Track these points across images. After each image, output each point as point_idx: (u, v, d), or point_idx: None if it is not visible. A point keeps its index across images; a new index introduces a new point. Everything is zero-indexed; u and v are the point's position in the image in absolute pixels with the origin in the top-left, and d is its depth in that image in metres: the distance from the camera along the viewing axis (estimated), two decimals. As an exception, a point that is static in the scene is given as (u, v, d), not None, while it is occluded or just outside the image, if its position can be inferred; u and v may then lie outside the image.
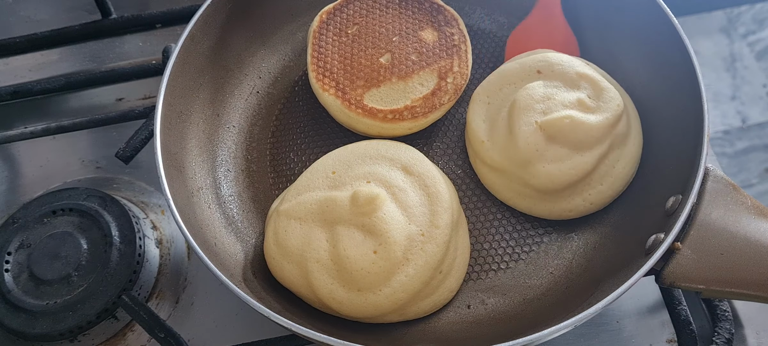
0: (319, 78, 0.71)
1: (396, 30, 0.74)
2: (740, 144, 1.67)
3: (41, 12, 0.94)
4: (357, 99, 0.70)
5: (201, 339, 0.66)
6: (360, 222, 0.59)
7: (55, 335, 0.64)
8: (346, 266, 0.58)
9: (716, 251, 0.54)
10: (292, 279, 0.60)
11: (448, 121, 0.75)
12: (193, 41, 0.69)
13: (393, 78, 0.71)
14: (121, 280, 0.66)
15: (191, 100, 0.70)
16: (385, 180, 0.62)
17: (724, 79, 1.77)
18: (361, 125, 0.70)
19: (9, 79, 0.86)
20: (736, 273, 0.53)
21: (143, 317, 0.64)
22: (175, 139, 0.65)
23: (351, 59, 0.72)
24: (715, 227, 0.54)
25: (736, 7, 1.87)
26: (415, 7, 0.75)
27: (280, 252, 0.61)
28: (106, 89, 0.85)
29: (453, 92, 0.71)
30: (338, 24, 0.74)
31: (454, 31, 0.74)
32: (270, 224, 0.63)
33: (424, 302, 0.61)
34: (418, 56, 0.72)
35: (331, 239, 0.60)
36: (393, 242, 0.58)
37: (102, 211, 0.69)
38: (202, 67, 0.71)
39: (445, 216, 0.61)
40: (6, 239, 0.68)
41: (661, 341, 0.65)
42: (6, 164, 0.82)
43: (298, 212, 0.61)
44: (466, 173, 0.71)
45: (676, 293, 0.62)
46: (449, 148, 0.73)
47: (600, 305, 0.52)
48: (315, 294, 0.59)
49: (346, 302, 0.59)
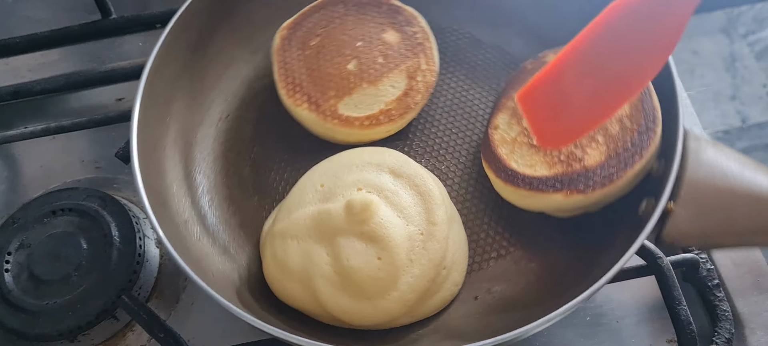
0: (290, 95, 0.70)
1: (358, 36, 0.73)
2: (740, 144, 1.67)
3: (41, 12, 0.94)
4: (331, 110, 0.69)
5: (201, 339, 0.66)
6: (358, 230, 0.59)
7: (54, 335, 0.64)
8: (351, 277, 0.58)
9: (707, 206, 0.56)
10: (298, 298, 0.60)
11: (422, 119, 0.75)
12: (157, 74, 0.66)
13: (363, 84, 0.71)
14: (121, 280, 0.66)
15: (163, 133, 0.68)
16: (376, 185, 0.62)
17: (724, 79, 1.77)
18: (339, 135, 0.70)
19: (9, 79, 0.86)
20: (728, 224, 0.56)
21: (143, 318, 0.64)
22: (154, 174, 0.64)
23: (319, 71, 0.71)
24: (702, 184, 0.56)
25: (736, 7, 1.87)
26: (373, 11, 0.75)
27: (281, 273, 0.60)
28: (106, 89, 0.85)
29: (425, 90, 0.71)
30: (300, 38, 0.73)
31: (415, 29, 0.74)
32: (266, 247, 0.63)
33: (433, 300, 0.61)
34: (384, 59, 0.72)
35: (332, 252, 0.59)
36: (395, 246, 0.58)
37: (102, 211, 0.69)
38: (168, 99, 0.69)
39: (439, 212, 0.61)
40: (6, 239, 0.68)
41: (661, 341, 0.65)
42: (6, 164, 0.82)
43: (293, 230, 0.61)
44: (449, 167, 0.72)
45: (676, 292, 0.62)
46: (428, 146, 0.73)
47: (619, 265, 0.53)
48: (324, 309, 0.59)
49: (356, 313, 0.58)
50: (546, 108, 0.55)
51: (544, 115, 0.56)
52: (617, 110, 0.59)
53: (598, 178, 0.60)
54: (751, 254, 0.68)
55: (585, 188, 0.60)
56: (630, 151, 0.60)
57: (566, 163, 0.61)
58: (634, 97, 0.61)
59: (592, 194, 0.59)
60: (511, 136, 0.66)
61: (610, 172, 0.59)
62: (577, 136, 0.60)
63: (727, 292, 0.66)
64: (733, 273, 0.67)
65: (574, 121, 0.56)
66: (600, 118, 0.57)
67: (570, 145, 0.62)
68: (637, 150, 0.59)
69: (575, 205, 0.61)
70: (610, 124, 0.62)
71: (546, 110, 0.56)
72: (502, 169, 0.65)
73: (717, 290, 0.65)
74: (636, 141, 0.60)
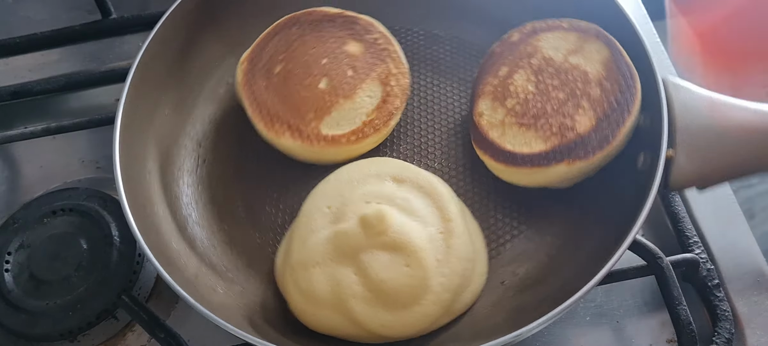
0: (269, 127, 0.68)
1: (322, 53, 0.72)
2: (740, 144, 1.66)
3: (41, 12, 0.94)
4: (315, 133, 0.68)
5: (201, 339, 0.66)
6: (379, 243, 0.58)
7: (55, 335, 0.64)
8: (384, 290, 0.57)
9: (703, 145, 0.59)
10: (333, 325, 0.59)
11: (402, 123, 0.75)
12: (128, 131, 0.65)
13: (340, 99, 0.70)
14: (121, 280, 0.66)
15: (147, 189, 0.66)
16: (383, 195, 0.62)
17: (724, 79, 1.77)
18: (327, 156, 0.69)
19: (9, 79, 0.86)
20: (725, 157, 0.59)
21: (143, 318, 0.64)
22: (152, 235, 0.62)
23: (292, 96, 0.70)
24: (693, 126, 0.60)
25: (736, 6, 1.87)
26: (329, 26, 0.74)
27: (311, 304, 0.59)
28: (106, 89, 0.85)
29: (402, 93, 0.71)
30: (262, 68, 0.71)
31: (375, 36, 0.74)
32: (287, 282, 0.61)
33: (465, 295, 0.61)
34: (353, 71, 0.71)
35: (358, 271, 0.58)
36: (420, 250, 0.58)
37: (102, 211, 0.69)
38: (144, 155, 0.68)
39: (451, 207, 0.62)
40: (6, 239, 0.68)
41: (661, 341, 0.65)
42: (6, 164, 0.82)
43: (312, 257, 0.59)
44: (442, 163, 0.72)
45: (676, 292, 0.62)
46: (415, 147, 0.73)
47: (642, 217, 0.55)
48: (364, 329, 0.58)
49: (397, 324, 0.58)
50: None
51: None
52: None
53: (595, 142, 0.62)
54: (751, 254, 0.69)
55: (585, 154, 0.62)
56: (617, 110, 0.62)
57: (560, 135, 0.63)
58: (606, 60, 0.65)
59: (594, 159, 0.62)
60: (499, 119, 0.67)
61: (605, 133, 0.62)
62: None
63: (727, 292, 0.66)
64: (733, 273, 0.67)
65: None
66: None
67: (559, 116, 0.64)
68: (625, 107, 0.62)
69: (578, 172, 0.63)
70: (591, 88, 0.64)
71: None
72: (499, 153, 0.65)
73: (717, 290, 0.65)
74: (620, 99, 0.62)
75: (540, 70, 0.67)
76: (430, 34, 0.81)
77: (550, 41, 0.69)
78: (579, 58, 0.66)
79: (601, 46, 0.66)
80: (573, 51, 0.67)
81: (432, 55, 0.80)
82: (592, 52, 0.66)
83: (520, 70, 0.68)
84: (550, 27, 0.70)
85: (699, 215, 0.71)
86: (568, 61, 0.67)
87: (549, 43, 0.69)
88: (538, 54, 0.68)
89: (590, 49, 0.66)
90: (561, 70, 0.66)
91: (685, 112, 0.60)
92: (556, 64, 0.67)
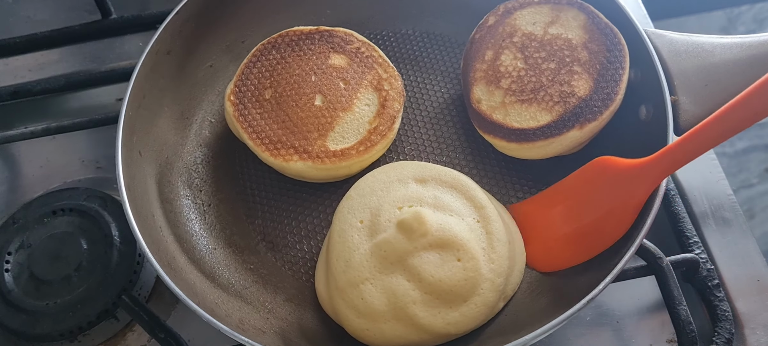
0: (276, 154, 0.67)
1: (309, 71, 0.72)
2: (740, 144, 1.67)
3: (41, 12, 0.94)
4: (323, 150, 0.67)
5: (201, 339, 0.66)
6: (425, 244, 0.58)
7: (55, 335, 0.64)
8: (443, 289, 0.57)
9: (701, 86, 0.63)
10: (398, 335, 0.58)
11: (400, 126, 0.74)
12: (133, 181, 0.64)
13: (339, 113, 0.69)
14: (121, 280, 0.66)
15: (157, 238, 0.63)
16: (412, 198, 0.62)
17: (724, 79, 1.77)
18: (341, 171, 0.68)
19: (9, 79, 0.86)
20: (725, 93, 0.61)
21: (143, 318, 0.64)
22: (176, 280, 0.59)
23: (290, 119, 0.69)
24: (688, 69, 0.63)
25: (736, 7, 1.87)
26: (308, 44, 0.73)
27: (371, 320, 0.58)
28: (106, 89, 0.85)
29: (398, 96, 0.71)
30: (251, 97, 0.70)
31: (356, 45, 0.74)
32: (338, 305, 0.60)
33: (514, 275, 0.62)
34: (345, 82, 0.71)
35: (410, 276, 0.58)
36: (466, 241, 0.59)
37: (102, 211, 0.69)
38: (149, 204, 0.66)
39: (479, 195, 0.62)
40: (6, 239, 0.68)
41: (661, 341, 0.65)
42: (6, 164, 0.82)
43: (361, 275, 0.58)
44: (450, 156, 0.73)
45: (676, 292, 0.62)
46: (420, 146, 0.74)
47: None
48: (429, 332, 0.58)
49: (462, 319, 0.58)
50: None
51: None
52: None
53: (599, 101, 0.64)
54: (751, 254, 0.69)
55: (593, 115, 0.64)
56: (611, 68, 0.64)
57: (563, 103, 0.65)
58: (585, 25, 0.67)
59: (601, 118, 0.64)
60: (498, 101, 0.68)
61: (607, 92, 0.64)
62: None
63: (727, 292, 0.66)
64: (733, 273, 0.67)
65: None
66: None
67: (556, 85, 0.66)
68: (618, 63, 0.64)
69: (590, 133, 0.64)
70: (578, 53, 0.66)
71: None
72: (509, 133, 0.66)
73: (717, 290, 0.65)
74: (610, 57, 0.65)
75: (524, 46, 0.68)
76: (400, 33, 0.81)
77: (525, 17, 0.70)
78: (558, 27, 0.68)
79: (576, 13, 0.68)
80: (550, 22, 0.68)
81: (408, 53, 0.80)
82: (569, 19, 0.68)
83: (505, 51, 0.69)
84: (523, 4, 0.71)
85: (699, 215, 0.71)
86: (548, 32, 0.68)
87: (525, 20, 0.70)
88: (518, 32, 0.69)
89: (566, 17, 0.68)
90: (545, 43, 0.68)
91: (676, 57, 0.63)
92: (538, 37, 0.68)
